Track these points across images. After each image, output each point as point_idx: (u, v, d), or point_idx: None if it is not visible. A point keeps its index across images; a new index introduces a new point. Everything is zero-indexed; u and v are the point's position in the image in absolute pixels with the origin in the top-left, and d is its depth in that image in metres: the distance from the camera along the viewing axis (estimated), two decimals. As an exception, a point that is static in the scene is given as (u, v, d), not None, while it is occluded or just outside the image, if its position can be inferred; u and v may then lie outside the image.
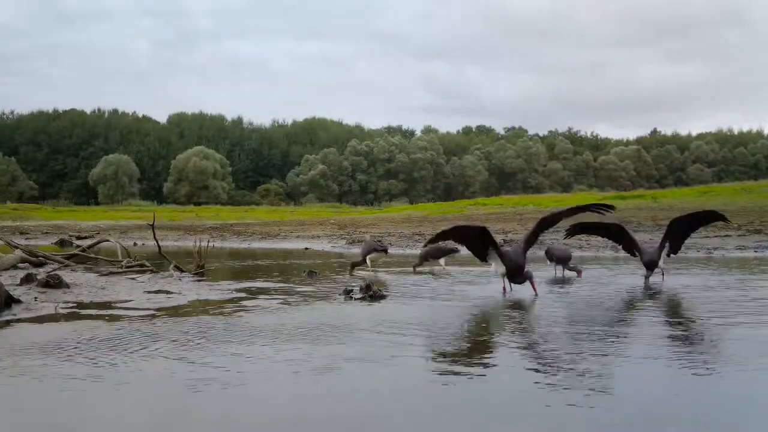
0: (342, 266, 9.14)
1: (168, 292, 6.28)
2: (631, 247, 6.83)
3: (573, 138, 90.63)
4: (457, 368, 3.30)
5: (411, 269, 8.33)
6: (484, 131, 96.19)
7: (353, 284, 6.41)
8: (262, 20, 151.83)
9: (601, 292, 6.18)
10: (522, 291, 6.10)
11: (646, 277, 6.58)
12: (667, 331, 4.31)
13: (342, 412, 2.65)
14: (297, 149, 79.33)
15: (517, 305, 5.44)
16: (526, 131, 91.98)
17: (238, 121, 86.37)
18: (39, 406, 2.76)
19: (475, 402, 2.76)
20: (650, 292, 6.12)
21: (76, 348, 3.73)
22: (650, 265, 6.53)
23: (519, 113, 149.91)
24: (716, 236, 12.70)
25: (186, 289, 6.49)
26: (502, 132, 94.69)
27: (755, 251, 10.65)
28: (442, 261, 8.33)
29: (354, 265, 8.26)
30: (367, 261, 8.27)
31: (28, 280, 6.68)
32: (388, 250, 8.75)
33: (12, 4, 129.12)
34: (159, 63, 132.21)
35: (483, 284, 6.86)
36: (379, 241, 9.46)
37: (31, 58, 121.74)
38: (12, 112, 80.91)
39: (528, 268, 5.98)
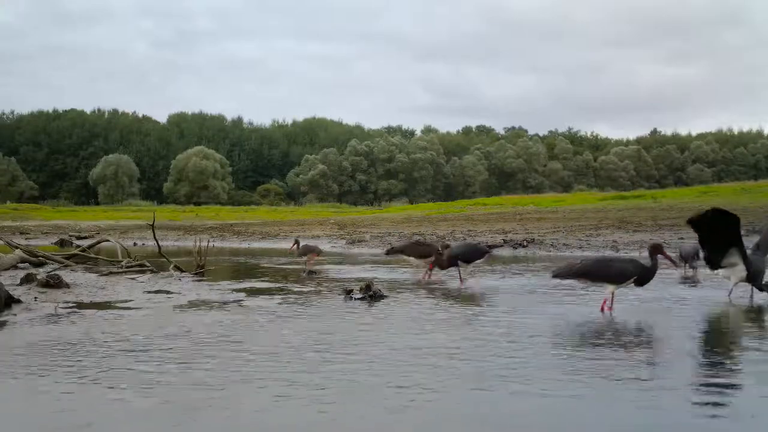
0: (342, 266, 9.13)
1: (168, 292, 6.28)
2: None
3: (573, 138, 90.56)
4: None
5: (411, 268, 8.35)
6: (484, 131, 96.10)
7: (353, 284, 6.41)
8: (262, 20, 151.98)
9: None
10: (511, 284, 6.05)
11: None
12: None
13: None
14: (297, 149, 79.28)
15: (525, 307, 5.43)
16: (526, 131, 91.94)
17: (238, 121, 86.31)
18: (37, 406, 2.77)
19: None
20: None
21: (73, 349, 3.73)
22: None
23: (519, 113, 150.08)
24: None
25: (186, 289, 6.49)
26: (502, 132, 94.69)
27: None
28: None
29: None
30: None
31: (28, 280, 6.68)
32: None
33: (12, 4, 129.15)
34: (159, 63, 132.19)
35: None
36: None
37: (31, 58, 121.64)
38: (12, 112, 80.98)
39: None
